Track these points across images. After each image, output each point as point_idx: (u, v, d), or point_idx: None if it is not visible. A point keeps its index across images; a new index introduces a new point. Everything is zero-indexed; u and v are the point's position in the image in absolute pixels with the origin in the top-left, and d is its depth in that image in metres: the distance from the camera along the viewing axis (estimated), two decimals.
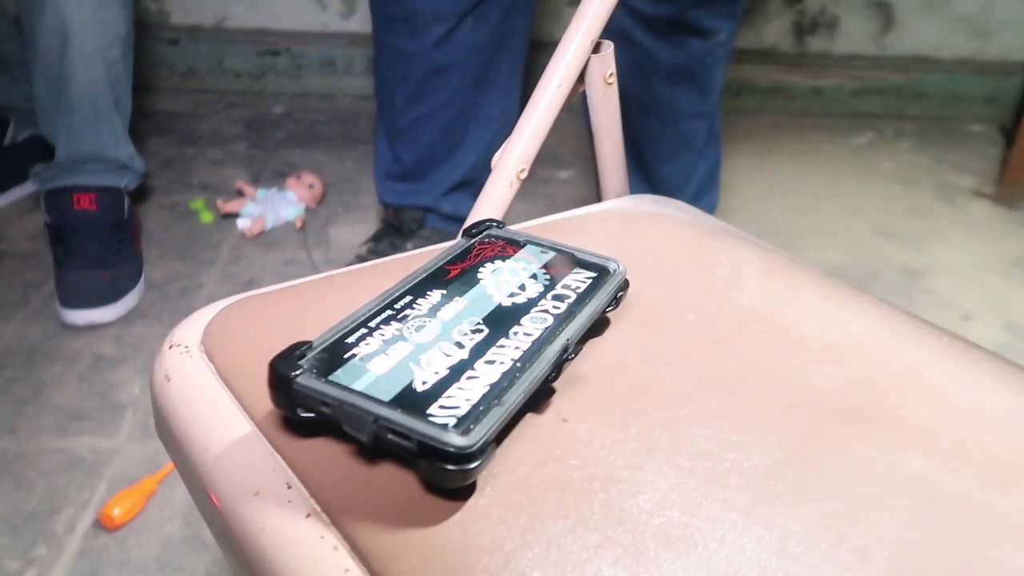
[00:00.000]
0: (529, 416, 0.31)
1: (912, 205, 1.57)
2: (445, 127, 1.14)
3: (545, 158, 1.31)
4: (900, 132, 1.91)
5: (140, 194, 1.35)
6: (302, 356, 0.28)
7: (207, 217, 1.34)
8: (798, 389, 0.35)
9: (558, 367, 0.31)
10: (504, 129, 1.23)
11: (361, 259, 1.21)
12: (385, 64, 1.12)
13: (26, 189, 1.37)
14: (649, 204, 0.53)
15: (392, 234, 1.25)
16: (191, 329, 0.37)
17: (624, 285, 0.37)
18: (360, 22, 1.91)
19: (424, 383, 0.28)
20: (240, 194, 1.40)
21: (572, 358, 0.31)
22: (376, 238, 1.26)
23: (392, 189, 1.22)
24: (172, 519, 0.79)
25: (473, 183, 1.19)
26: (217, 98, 1.88)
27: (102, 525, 0.77)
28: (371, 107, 1.90)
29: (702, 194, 1.23)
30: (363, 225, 1.36)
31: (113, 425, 0.90)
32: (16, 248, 1.23)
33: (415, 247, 1.18)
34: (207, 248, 1.27)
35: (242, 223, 1.30)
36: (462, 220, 0.50)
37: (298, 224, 1.33)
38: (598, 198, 0.61)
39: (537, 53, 1.24)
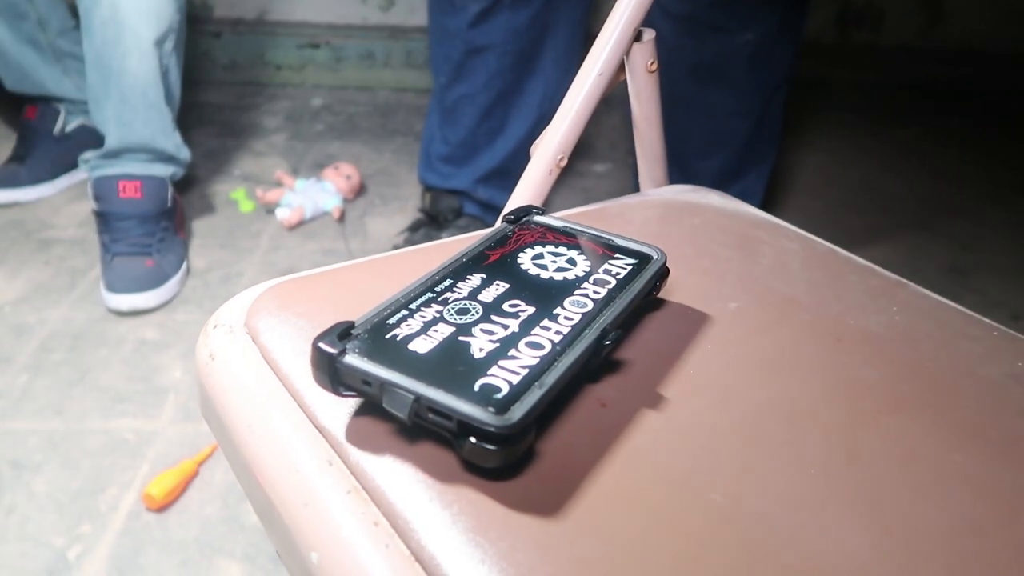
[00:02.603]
0: (568, 399, 0.31)
1: (958, 202, 1.53)
2: (485, 110, 1.16)
3: (581, 151, 1.31)
4: (947, 127, 1.87)
5: (183, 183, 1.38)
6: (345, 336, 0.29)
7: (247, 207, 1.36)
8: (843, 380, 0.34)
9: (597, 352, 0.31)
10: (545, 119, 1.24)
11: (398, 249, 1.21)
12: (434, 41, 1.17)
13: (74, 177, 1.40)
14: (689, 194, 0.53)
15: (428, 224, 1.26)
16: (235, 310, 0.37)
17: (664, 273, 0.37)
18: (399, 15, 1.92)
19: (465, 364, 0.28)
20: (280, 184, 1.42)
21: (611, 343, 0.31)
22: (412, 228, 1.27)
23: (434, 170, 1.24)
24: (211, 501, 0.80)
25: (510, 172, 1.20)
26: (258, 90, 1.91)
27: (144, 505, 0.79)
28: (409, 100, 1.91)
29: (744, 198, 1.22)
30: (400, 216, 1.36)
31: (156, 408, 0.92)
32: (64, 235, 1.26)
33: (451, 236, 1.18)
34: (247, 237, 1.29)
35: (281, 213, 1.31)
36: (498, 209, 0.50)
37: (336, 215, 1.34)
38: (635, 190, 0.60)
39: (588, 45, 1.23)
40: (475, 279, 0.34)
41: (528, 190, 0.50)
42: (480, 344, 0.29)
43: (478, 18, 1.09)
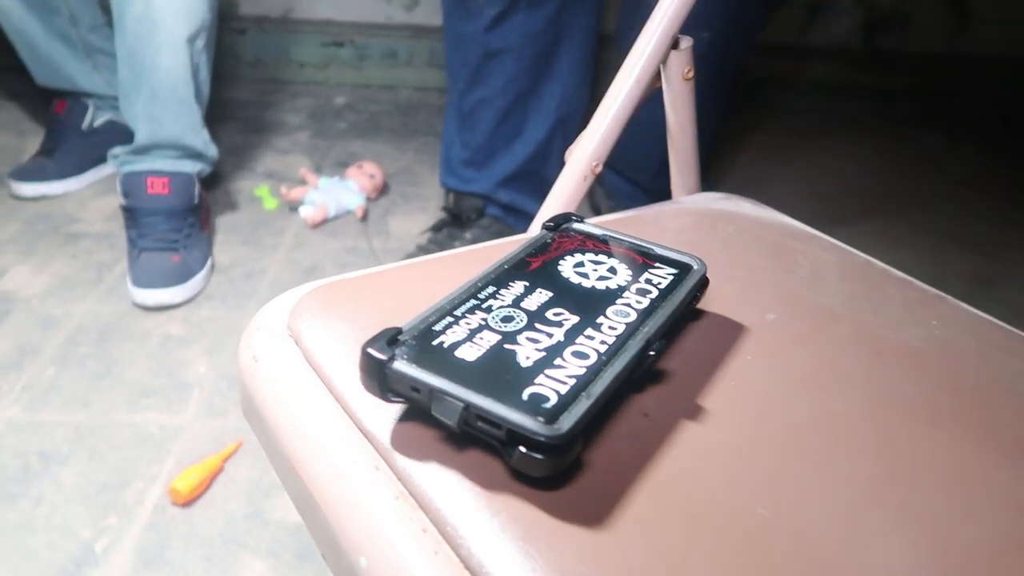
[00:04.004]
0: (612, 409, 0.31)
1: (983, 210, 1.52)
2: (503, 114, 1.17)
3: None
4: (973, 134, 1.85)
5: (208, 179, 1.39)
6: (393, 342, 0.29)
7: (271, 204, 1.37)
8: (884, 394, 0.34)
9: (642, 362, 0.31)
10: (563, 122, 1.26)
11: (422, 249, 1.22)
12: (450, 47, 1.18)
13: (101, 172, 1.42)
14: (723, 201, 0.53)
15: (451, 224, 1.26)
16: (277, 312, 0.38)
17: (704, 283, 0.37)
18: (423, 15, 1.92)
19: (512, 372, 0.28)
20: (303, 182, 1.43)
21: (655, 354, 0.31)
22: (436, 228, 1.28)
23: (455, 174, 1.25)
24: (236, 496, 0.81)
25: (531, 175, 1.20)
26: (281, 88, 1.92)
27: (170, 499, 0.79)
28: (431, 99, 1.92)
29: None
30: (423, 215, 1.37)
31: (180, 403, 0.93)
32: (91, 229, 1.28)
33: (473, 237, 1.21)
34: (271, 234, 1.30)
35: (305, 211, 1.32)
36: (519, 211, 0.51)
37: (359, 213, 1.35)
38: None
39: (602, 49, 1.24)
40: (518, 286, 0.34)
41: (563, 196, 0.50)
42: (526, 352, 0.29)
43: (494, 22, 1.10)
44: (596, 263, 0.36)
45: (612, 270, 0.36)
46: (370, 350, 0.28)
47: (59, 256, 1.20)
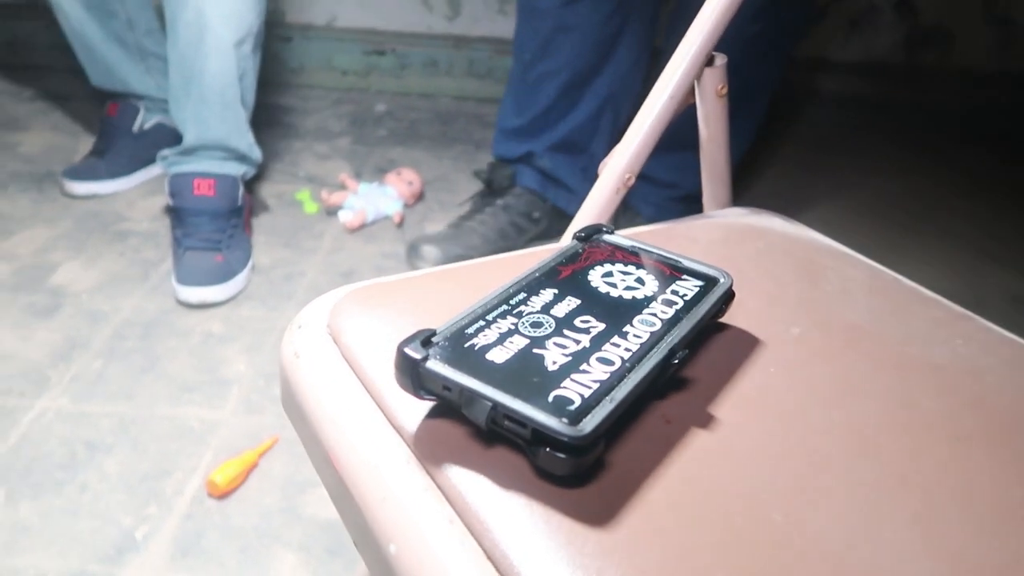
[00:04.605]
0: (635, 414, 0.32)
1: (1023, 229, 1.49)
2: (565, 87, 1.27)
3: None
4: (1014, 152, 1.82)
5: (251, 183, 1.43)
6: (427, 343, 0.31)
7: (311, 208, 1.41)
8: (904, 409, 0.35)
9: (665, 370, 0.32)
10: (613, 99, 1.31)
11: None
12: (522, 19, 1.27)
13: (149, 173, 1.46)
14: (753, 216, 0.53)
15: (486, 193, 1.37)
16: (318, 311, 0.39)
17: (730, 296, 0.38)
18: (463, 25, 1.95)
19: (539, 375, 0.30)
20: (343, 187, 1.46)
21: (678, 363, 0.32)
22: (474, 197, 1.40)
23: (505, 143, 1.34)
24: (271, 491, 0.83)
25: (576, 146, 1.29)
26: (324, 94, 1.96)
27: (207, 491, 0.82)
28: (469, 108, 1.94)
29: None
30: None
31: (220, 398, 0.96)
32: (138, 228, 1.32)
33: (504, 204, 1.32)
34: (310, 237, 1.33)
35: (344, 215, 1.35)
36: (557, 181, 0.53)
37: (396, 219, 1.37)
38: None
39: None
40: (548, 294, 0.35)
41: (596, 207, 0.51)
42: (553, 357, 0.31)
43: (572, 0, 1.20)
44: (624, 274, 0.38)
45: (640, 281, 0.37)
46: (406, 349, 0.30)
47: (108, 253, 1.24)
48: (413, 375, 0.30)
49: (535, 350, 0.31)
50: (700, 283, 0.37)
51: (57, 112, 1.74)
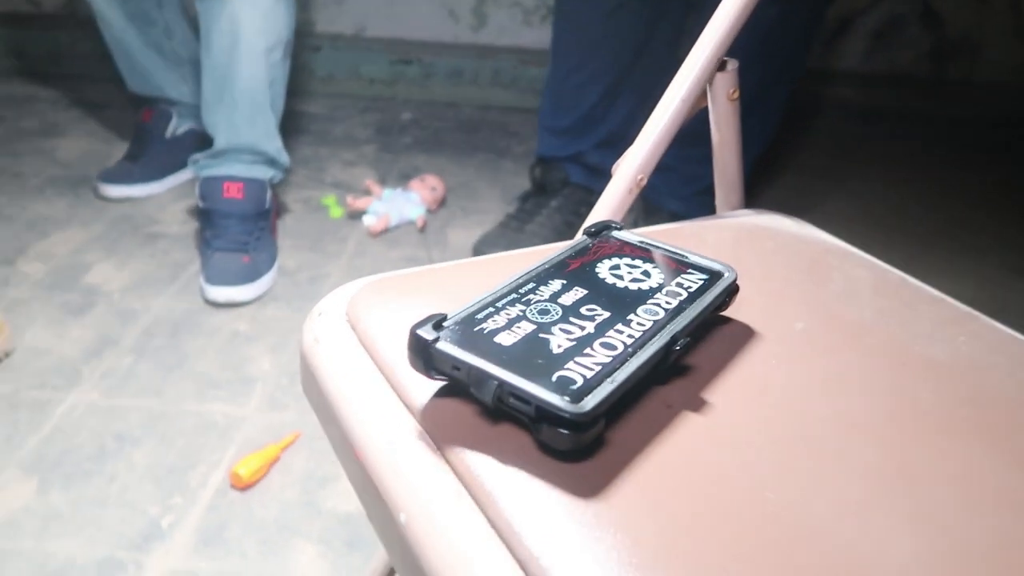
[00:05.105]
0: (638, 398, 0.33)
1: None
2: (606, 89, 1.32)
3: None
4: None
5: (279, 187, 1.46)
6: (438, 326, 0.32)
7: (336, 212, 1.44)
8: (903, 401, 0.36)
9: (667, 356, 0.33)
10: (649, 98, 1.33)
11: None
12: (565, 28, 1.32)
13: (180, 178, 1.50)
14: (764, 218, 0.55)
15: (536, 194, 1.40)
16: (338, 300, 0.41)
17: (734, 289, 0.39)
18: (489, 35, 1.98)
19: (544, 357, 0.31)
20: (368, 193, 1.49)
21: (679, 349, 0.34)
22: (523, 198, 1.43)
23: (551, 143, 1.39)
24: (291, 485, 0.85)
25: (620, 140, 1.32)
26: (352, 103, 2.00)
27: (231, 483, 0.84)
28: (493, 117, 1.97)
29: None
30: (480, 228, 1.41)
31: (244, 395, 0.98)
32: (169, 230, 1.36)
33: (558, 205, 1.36)
34: (335, 241, 1.36)
35: (368, 220, 1.38)
36: (604, 172, 0.55)
37: (419, 224, 1.40)
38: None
39: None
40: (556, 284, 0.37)
41: (608, 206, 0.53)
42: (558, 341, 0.32)
43: (614, 9, 1.25)
44: (631, 267, 0.39)
45: (646, 273, 0.39)
46: (418, 331, 0.31)
47: (139, 254, 1.28)
48: (425, 355, 0.31)
49: (541, 334, 0.33)
50: (704, 276, 0.39)
51: (94, 119, 1.79)
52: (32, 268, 1.22)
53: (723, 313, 0.40)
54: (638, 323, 0.34)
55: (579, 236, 0.43)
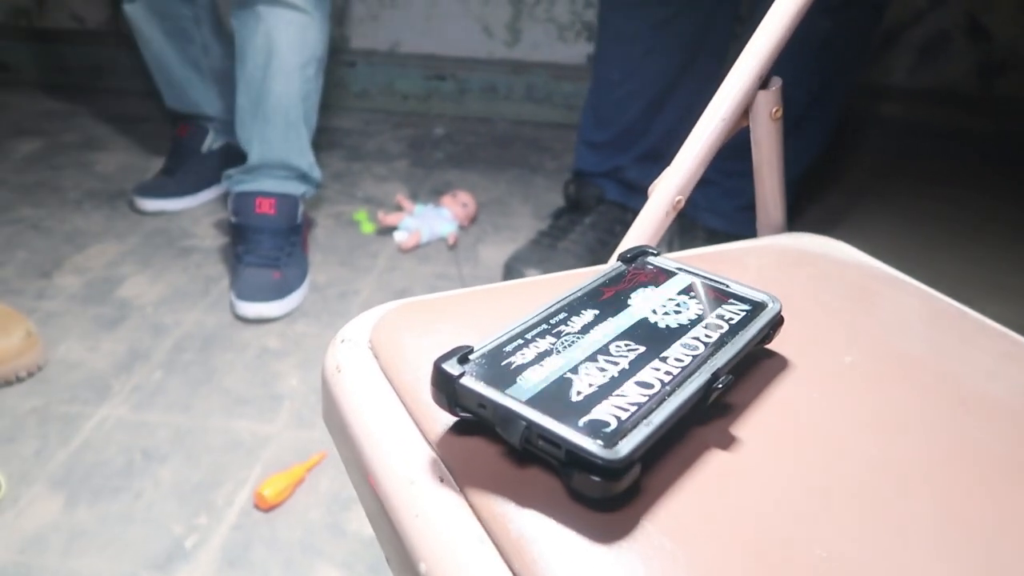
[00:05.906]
0: (675, 440, 0.31)
1: None
2: (649, 103, 1.30)
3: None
4: None
5: (311, 202, 1.46)
6: (464, 359, 0.30)
7: (368, 228, 1.43)
8: (958, 442, 0.33)
9: (707, 395, 0.31)
10: (691, 109, 1.31)
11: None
12: (610, 41, 1.30)
13: (214, 192, 1.51)
14: (808, 242, 0.52)
15: (570, 211, 1.38)
16: (361, 326, 0.40)
17: (778, 321, 0.37)
18: (523, 50, 1.97)
19: (575, 396, 0.29)
20: (399, 208, 1.48)
21: (721, 388, 0.31)
22: (556, 215, 1.40)
23: (591, 159, 1.37)
24: (316, 506, 0.84)
25: (660, 155, 1.31)
26: (385, 118, 2.00)
27: (255, 503, 0.83)
28: (526, 132, 1.95)
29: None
30: (512, 245, 1.39)
31: (272, 413, 0.97)
32: (202, 244, 1.36)
33: (592, 222, 1.34)
34: (366, 257, 1.35)
35: (399, 236, 1.37)
36: (641, 189, 0.53)
37: (451, 240, 1.39)
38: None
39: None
40: (588, 315, 0.35)
41: (645, 230, 0.51)
42: (591, 378, 0.30)
43: (662, 22, 1.24)
44: (667, 297, 0.37)
45: (684, 304, 0.36)
46: (443, 366, 0.30)
47: (172, 268, 1.29)
48: (449, 391, 0.30)
49: (573, 371, 0.31)
50: (747, 307, 0.36)
51: (133, 133, 1.82)
52: (68, 281, 1.24)
53: (766, 346, 0.37)
54: (676, 359, 0.32)
55: (613, 261, 0.41)
